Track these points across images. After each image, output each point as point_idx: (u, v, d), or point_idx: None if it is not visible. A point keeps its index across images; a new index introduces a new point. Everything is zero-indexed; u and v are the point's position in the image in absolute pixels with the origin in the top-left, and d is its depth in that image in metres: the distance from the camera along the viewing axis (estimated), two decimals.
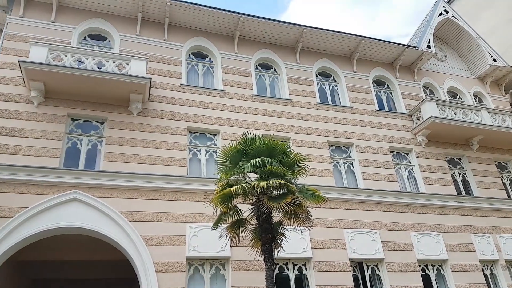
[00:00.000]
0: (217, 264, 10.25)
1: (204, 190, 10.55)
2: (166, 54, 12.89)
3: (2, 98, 10.52)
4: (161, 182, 10.59)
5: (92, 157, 10.81)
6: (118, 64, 11.31)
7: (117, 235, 9.67)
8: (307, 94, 14.10)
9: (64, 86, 10.77)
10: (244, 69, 13.69)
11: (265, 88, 13.99)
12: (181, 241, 10.04)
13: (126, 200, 10.14)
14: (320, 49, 15.20)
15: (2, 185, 9.40)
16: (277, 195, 7.80)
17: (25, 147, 10.06)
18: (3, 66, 10.97)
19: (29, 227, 9.17)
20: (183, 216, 10.39)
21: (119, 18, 12.92)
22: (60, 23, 12.22)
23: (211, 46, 13.72)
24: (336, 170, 13.11)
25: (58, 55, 10.89)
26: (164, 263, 9.64)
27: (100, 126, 11.23)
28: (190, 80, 12.99)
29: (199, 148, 11.90)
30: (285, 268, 10.71)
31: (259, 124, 12.63)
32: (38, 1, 12.16)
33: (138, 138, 11.13)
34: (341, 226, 11.74)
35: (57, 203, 9.58)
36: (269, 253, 7.85)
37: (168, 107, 11.94)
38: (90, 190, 9.97)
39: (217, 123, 12.23)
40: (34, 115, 10.56)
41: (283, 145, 8.42)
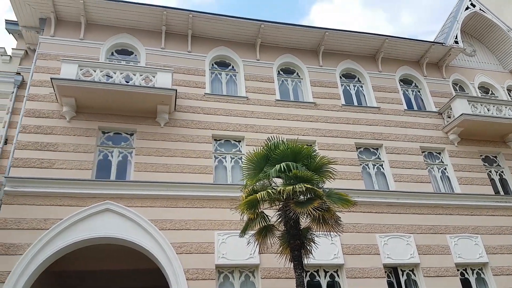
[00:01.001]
0: (247, 272, 10.21)
1: (230, 197, 10.59)
2: (190, 65, 13.13)
3: (37, 114, 11.01)
4: (188, 190, 10.73)
5: (123, 168, 11.09)
6: (145, 77, 11.61)
7: (148, 243, 9.85)
8: (331, 96, 13.95)
9: (94, 100, 11.15)
10: (266, 75, 13.72)
11: (288, 92, 13.95)
12: (210, 249, 10.10)
13: (156, 208, 10.33)
14: (343, 51, 15.04)
15: (38, 198, 9.80)
16: (304, 200, 7.71)
17: (59, 161, 10.45)
18: (36, 84, 11.50)
19: (64, 238, 9.48)
20: (211, 224, 10.46)
21: (144, 32, 13.29)
22: (89, 40, 12.70)
23: (233, 55, 13.86)
24: (366, 173, 12.84)
25: (88, 70, 11.30)
26: (194, 271, 9.71)
27: (130, 137, 11.53)
28: (214, 89, 13.15)
29: (224, 155, 11.99)
30: (316, 275, 10.52)
31: (283, 129, 12.59)
32: (67, 21, 12.71)
33: (166, 147, 11.34)
34: (373, 231, 11.45)
35: (91, 214, 9.88)
36: (298, 260, 7.73)
37: (194, 116, 12.12)
38: (121, 200, 10.22)
39: (241, 130, 12.29)
40: (67, 130, 10.97)
41: (308, 149, 8.33)
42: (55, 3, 12.19)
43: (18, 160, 10.23)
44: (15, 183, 9.79)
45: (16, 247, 9.12)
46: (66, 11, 12.49)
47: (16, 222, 9.41)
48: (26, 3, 12.06)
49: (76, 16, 12.59)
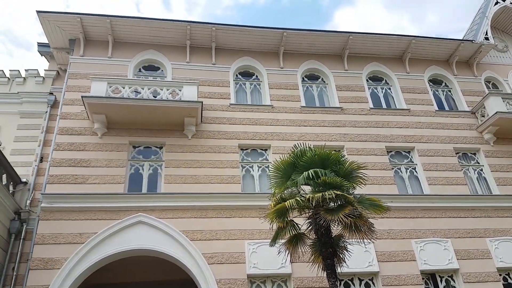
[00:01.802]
0: (279, 281, 10.10)
1: (259, 205, 10.47)
2: (215, 77, 13.30)
3: (70, 132, 11.42)
4: (217, 200, 10.78)
5: (154, 180, 11.29)
6: (172, 91, 11.84)
7: (180, 254, 9.94)
8: (358, 100, 13.73)
9: (124, 116, 11.46)
10: (290, 82, 13.69)
11: (314, 98, 13.85)
12: (241, 258, 10.07)
13: (187, 219, 10.42)
14: (369, 54, 14.82)
15: (73, 213, 10.11)
16: (335, 207, 7.54)
17: (92, 176, 10.76)
18: (68, 102, 11.95)
19: (100, 251, 9.71)
20: (240, 233, 10.45)
21: (169, 47, 13.59)
22: (117, 57, 13.12)
23: (257, 64, 13.93)
24: (398, 177, 12.49)
25: (117, 87, 11.64)
26: (226, 281, 9.69)
27: (159, 150, 11.74)
28: (239, 99, 13.25)
29: (251, 164, 11.99)
30: (351, 284, 10.28)
31: (309, 135, 12.48)
32: (95, 40, 13.20)
33: (194, 159, 11.47)
34: (409, 237, 11.08)
35: (124, 227, 10.09)
36: (331, 268, 7.56)
37: (220, 127, 12.23)
38: (153, 212, 10.39)
39: (267, 138, 12.27)
40: (99, 146, 11.31)
41: (336, 154, 8.18)
42: (83, 24, 12.70)
43: (53, 177, 10.61)
44: (51, 199, 10.15)
45: (54, 262, 9.41)
46: (94, 31, 12.98)
47: (53, 237, 9.73)
48: (56, 25, 12.64)
49: (103, 35, 13.06)
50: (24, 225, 10.44)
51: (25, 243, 10.26)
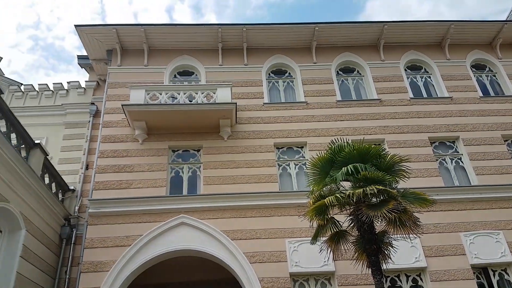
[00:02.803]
0: (322, 279, 9.97)
1: (297, 203, 10.47)
2: (248, 77, 13.34)
3: (112, 139, 11.86)
4: (255, 200, 10.80)
5: (193, 182, 11.51)
6: (206, 94, 12.02)
7: (222, 254, 10.06)
8: (397, 90, 13.28)
9: (162, 121, 11.74)
10: (324, 77, 13.48)
11: (349, 92, 13.56)
12: (282, 257, 10.03)
13: (226, 219, 10.53)
14: (406, 42, 14.29)
15: (119, 217, 10.49)
16: (377, 203, 7.30)
17: (136, 181, 11.12)
18: (109, 111, 12.42)
19: (146, 253, 10.02)
20: (280, 232, 10.40)
21: (202, 51, 13.79)
22: (152, 65, 13.48)
23: (289, 61, 13.83)
24: (443, 168, 11.95)
25: (154, 94, 11.97)
26: (269, 279, 9.69)
27: (197, 153, 11.95)
28: (272, 98, 13.22)
29: (288, 162, 11.91)
30: (398, 280, 9.95)
31: (347, 130, 12.22)
32: (131, 49, 13.64)
33: (231, 160, 11.56)
34: (457, 230, 10.58)
35: (168, 228, 10.35)
36: (376, 265, 7.35)
37: (255, 126, 12.25)
38: (194, 213, 10.58)
39: (302, 135, 12.15)
40: (140, 151, 11.67)
41: (376, 148, 7.93)
42: (119, 35, 13.15)
43: (99, 183, 11.07)
44: (98, 205, 10.60)
45: (103, 264, 9.82)
46: (130, 40, 13.41)
47: (101, 240, 10.15)
48: (93, 38, 13.18)
49: (139, 44, 13.46)
50: (73, 231, 10.95)
51: (75, 248, 10.76)
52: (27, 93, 14.30)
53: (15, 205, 8.47)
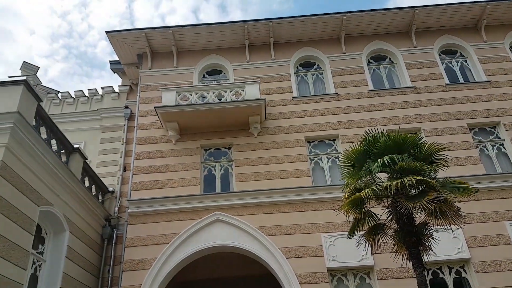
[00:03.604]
0: (361, 274, 9.81)
1: (332, 198, 10.36)
2: (275, 72, 13.27)
3: (147, 141, 12.16)
4: (288, 195, 10.74)
5: (226, 180, 11.61)
6: (235, 92, 12.07)
7: (258, 249, 10.10)
8: (432, 77, 12.79)
9: (193, 121, 11.91)
10: (355, 67, 13.19)
11: (382, 80, 13.21)
12: (318, 252, 9.94)
13: (260, 215, 10.56)
14: (438, 26, 13.74)
15: (157, 216, 10.74)
16: (416, 194, 7.05)
17: (171, 180, 11.35)
18: (143, 114, 12.73)
19: (184, 250, 10.22)
20: (316, 227, 10.31)
21: (229, 50, 13.84)
22: (182, 66, 13.68)
23: (317, 53, 13.63)
24: (484, 155, 11.43)
25: (185, 95, 12.15)
26: (306, 275, 9.63)
27: (228, 151, 12.04)
28: (301, 91, 13.08)
29: (320, 156, 11.76)
30: (440, 273, 9.63)
31: (381, 120, 11.91)
32: (161, 52, 13.89)
33: (262, 156, 11.57)
34: (502, 219, 10.09)
35: (204, 226, 10.52)
36: (417, 257, 7.11)
37: (284, 122, 12.18)
38: (228, 210, 10.67)
39: (334, 128, 11.95)
40: (174, 152, 11.89)
41: (413, 137, 7.65)
42: (148, 38, 13.42)
43: (136, 184, 11.39)
44: (136, 205, 10.90)
45: (144, 262, 10.10)
46: (159, 43, 13.66)
47: (141, 239, 10.44)
48: (124, 42, 13.52)
49: (168, 46, 13.68)
50: (114, 230, 11.35)
51: (116, 247, 11.15)
52: (64, 100, 14.91)
53: (59, 208, 8.86)
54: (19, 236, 7.24)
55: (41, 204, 8.12)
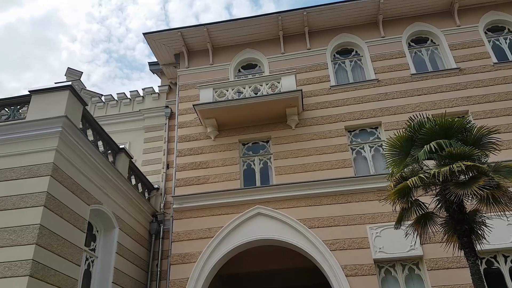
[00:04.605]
0: (410, 264, 9.49)
1: (376, 188, 10.06)
2: (311, 61, 13.04)
3: (187, 139, 12.41)
4: (330, 187, 10.56)
5: (265, 173, 11.61)
6: (271, 85, 12.00)
7: (301, 242, 10.04)
8: (477, 56, 12.05)
9: (231, 117, 11.99)
10: (395, 51, 12.68)
11: (424, 63, 12.62)
12: (364, 243, 9.72)
13: (302, 208, 10.46)
14: (483, 2, 12.89)
15: (200, 210, 10.97)
16: (466, 180, 6.70)
17: (212, 176, 11.53)
18: (183, 112, 12.99)
19: (228, 243, 10.36)
20: (360, 218, 10.07)
21: (263, 42, 13.77)
22: (217, 63, 13.79)
23: (354, 39, 13.24)
24: None
25: (221, 91, 12.25)
26: (352, 267, 9.46)
27: (266, 144, 12.02)
28: (339, 80, 12.79)
29: (362, 145, 11.46)
30: (494, 262, 9.12)
31: (425, 104, 11.40)
32: (197, 50, 14.07)
33: (301, 148, 11.44)
34: None
35: (246, 219, 10.60)
36: (469, 246, 6.77)
37: (323, 112, 11.95)
38: (269, 203, 10.68)
39: (376, 115, 11.57)
40: (213, 147, 12.05)
41: (460, 121, 7.27)
42: (184, 37, 13.64)
43: (180, 180, 11.67)
44: (180, 201, 11.18)
45: (190, 256, 10.36)
46: (194, 41, 13.84)
47: (187, 234, 10.71)
48: (161, 43, 13.83)
49: (203, 44, 13.83)
50: (161, 226, 11.72)
51: (163, 242, 11.51)
52: (107, 102, 15.52)
53: (108, 206, 9.26)
54: (72, 234, 7.65)
55: (91, 203, 8.52)
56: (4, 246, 6.65)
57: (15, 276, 6.35)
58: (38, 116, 7.73)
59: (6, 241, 6.69)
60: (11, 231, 6.76)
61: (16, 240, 6.66)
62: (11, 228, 6.77)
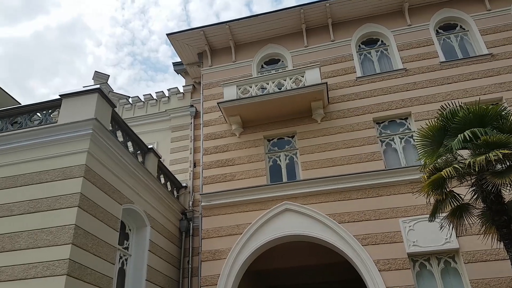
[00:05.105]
0: (445, 258, 9.21)
1: (408, 180, 9.80)
2: (336, 53, 12.81)
3: (213, 137, 12.47)
4: (359, 181, 10.36)
5: (291, 169, 11.51)
6: (295, 79, 11.87)
7: (331, 238, 9.91)
8: (510, 41, 11.48)
9: (255, 113, 11.94)
10: (423, 39, 12.27)
11: (454, 51, 12.15)
12: (397, 237, 9.49)
13: (331, 203, 10.33)
14: None
15: (228, 207, 10.99)
16: (503, 169, 6.46)
17: (238, 173, 11.55)
18: (207, 111, 13.06)
19: (256, 240, 10.36)
20: (392, 212, 9.84)
21: (286, 37, 13.63)
22: (240, 60, 13.77)
23: (380, 29, 12.91)
24: None
25: (245, 88, 12.22)
26: (385, 261, 9.27)
27: (292, 139, 11.92)
28: (365, 70, 12.50)
29: (391, 137, 11.17)
30: None
31: (456, 92, 10.99)
32: (219, 48, 14.10)
33: (327, 142, 11.28)
34: None
35: (273, 215, 10.55)
36: (509, 238, 6.53)
37: (349, 104, 11.73)
38: (297, 199, 10.60)
39: (405, 106, 11.25)
40: (239, 145, 12.06)
41: (495, 108, 6.98)
42: (206, 36, 13.69)
43: (207, 178, 11.76)
44: (208, 198, 11.26)
45: (220, 252, 10.43)
46: (217, 40, 13.87)
47: (216, 231, 10.79)
48: (184, 43, 13.93)
49: (225, 42, 13.85)
50: (190, 223, 11.87)
51: (193, 239, 11.65)
52: (134, 104, 15.82)
53: (139, 205, 9.44)
54: (106, 233, 7.83)
55: (123, 202, 8.70)
56: (42, 247, 6.86)
57: (54, 275, 6.54)
58: (69, 119, 7.93)
59: (43, 241, 6.90)
60: (48, 232, 6.97)
61: (53, 240, 6.86)
62: (48, 229, 6.99)
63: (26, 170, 7.76)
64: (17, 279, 6.67)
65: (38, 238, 6.96)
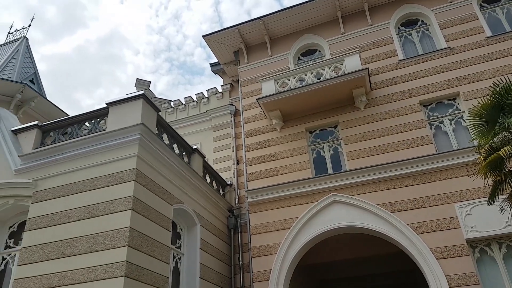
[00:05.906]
0: (508, 242, 8.71)
1: (462, 163, 9.34)
2: (375, 37, 12.44)
3: (254, 133, 12.52)
4: (409, 167, 9.99)
5: (336, 160, 11.32)
6: (334, 68, 11.64)
7: (384, 227, 9.63)
8: None
9: (295, 106, 11.85)
10: (466, 15, 11.62)
11: (500, 24, 11.40)
12: (453, 223, 9.06)
13: (381, 192, 10.03)
14: None
15: (274, 202, 10.99)
16: None
17: (282, 167, 11.52)
18: (247, 108, 13.13)
19: (305, 233, 10.28)
20: (446, 197, 9.39)
21: (321, 26, 13.42)
22: (276, 54, 13.71)
23: (420, 8, 12.36)
24: None
25: (283, 81, 12.15)
26: (442, 249, 8.88)
27: (335, 130, 11.71)
28: (407, 53, 12.03)
29: (441, 119, 10.67)
30: None
31: (507, 68, 10.33)
32: (255, 44, 14.13)
33: (372, 129, 10.97)
34: None
35: (321, 208, 10.42)
36: None
37: (393, 88, 11.33)
38: (344, 190, 10.40)
39: (453, 86, 10.70)
40: (280, 139, 12.03)
41: None
42: (241, 34, 13.75)
43: (251, 174, 11.84)
44: (254, 194, 11.33)
45: (270, 248, 10.46)
46: (252, 36, 13.89)
47: (264, 226, 10.83)
48: (220, 43, 14.08)
49: (260, 37, 13.84)
50: (238, 220, 12.00)
51: (242, 235, 11.76)
52: (176, 107, 16.23)
53: (188, 205, 9.67)
54: (159, 234, 8.07)
55: (173, 203, 8.95)
56: (99, 250, 7.12)
57: (112, 277, 6.75)
58: (117, 126, 8.23)
59: (100, 245, 7.16)
60: (104, 235, 7.23)
61: (109, 243, 7.10)
62: (104, 233, 7.25)
63: (79, 177, 8.09)
64: (78, 283, 6.94)
65: (95, 242, 7.22)
